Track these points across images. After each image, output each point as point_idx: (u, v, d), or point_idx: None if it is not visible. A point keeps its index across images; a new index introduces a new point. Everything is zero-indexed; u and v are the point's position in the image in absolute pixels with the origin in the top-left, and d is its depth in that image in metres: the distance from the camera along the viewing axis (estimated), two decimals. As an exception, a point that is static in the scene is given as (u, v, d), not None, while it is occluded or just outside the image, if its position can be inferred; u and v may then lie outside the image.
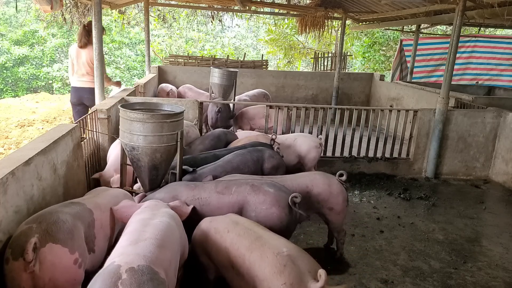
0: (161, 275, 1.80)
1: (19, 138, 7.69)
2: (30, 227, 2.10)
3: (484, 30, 11.83)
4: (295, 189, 3.17)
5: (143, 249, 1.90)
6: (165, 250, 2.00)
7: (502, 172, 5.64)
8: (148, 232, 2.08)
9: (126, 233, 2.14)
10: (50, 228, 2.11)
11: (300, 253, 2.19)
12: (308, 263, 2.15)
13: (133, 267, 1.73)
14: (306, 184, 3.25)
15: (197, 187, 3.01)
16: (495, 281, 3.36)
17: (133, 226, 2.20)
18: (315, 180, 3.28)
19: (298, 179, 3.31)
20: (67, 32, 17.66)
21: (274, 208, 2.76)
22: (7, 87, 16.79)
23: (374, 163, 5.71)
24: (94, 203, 2.58)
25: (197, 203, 2.90)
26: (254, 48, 21.72)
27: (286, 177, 3.38)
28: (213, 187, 2.96)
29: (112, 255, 1.92)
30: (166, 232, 2.16)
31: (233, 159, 3.65)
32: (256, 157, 3.72)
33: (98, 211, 2.54)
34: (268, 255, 2.16)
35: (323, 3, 8.21)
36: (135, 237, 2.02)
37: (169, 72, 9.19)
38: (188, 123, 4.86)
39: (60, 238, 2.10)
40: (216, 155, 3.88)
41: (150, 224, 2.20)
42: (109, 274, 1.69)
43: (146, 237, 2.02)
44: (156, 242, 2.00)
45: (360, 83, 9.78)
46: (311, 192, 3.23)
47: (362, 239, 3.92)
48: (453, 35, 5.16)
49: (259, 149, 3.86)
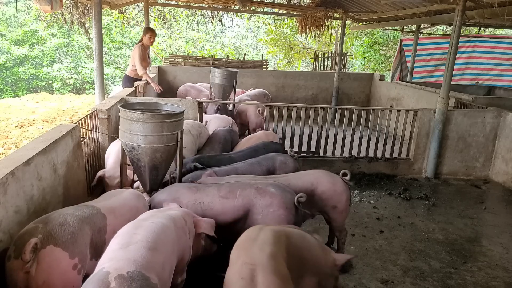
0: (153, 280, 1.76)
1: (19, 138, 7.69)
2: (36, 226, 2.09)
3: (484, 30, 11.83)
4: (300, 187, 3.16)
5: (133, 253, 1.85)
6: (157, 253, 1.95)
7: (502, 172, 5.64)
8: (139, 235, 2.02)
9: (118, 235, 2.08)
10: (54, 229, 2.09)
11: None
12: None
13: (122, 274, 1.69)
14: (311, 182, 3.24)
15: (199, 190, 2.95)
16: (495, 281, 3.36)
17: (126, 228, 2.15)
18: (319, 178, 3.27)
19: (302, 177, 3.30)
20: (67, 32, 17.66)
21: (282, 210, 2.75)
22: (7, 87, 16.79)
23: (374, 163, 5.71)
24: (108, 207, 2.51)
25: (199, 208, 2.85)
26: (254, 48, 21.72)
27: (290, 176, 3.37)
28: (215, 192, 2.91)
29: (102, 260, 1.88)
30: (159, 234, 2.09)
31: (242, 168, 3.61)
32: (266, 167, 3.68)
33: (112, 216, 2.47)
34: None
35: (323, 3, 8.21)
36: (126, 240, 1.97)
37: (169, 72, 9.19)
38: (199, 123, 4.87)
39: (62, 241, 2.07)
40: (231, 158, 3.88)
41: (142, 226, 2.14)
42: (97, 282, 1.66)
43: (137, 240, 1.97)
44: (148, 245, 1.94)
45: (360, 83, 9.78)
46: (316, 190, 3.22)
47: (362, 239, 3.92)
48: (453, 35, 5.16)
49: (270, 157, 3.79)
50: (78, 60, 17.97)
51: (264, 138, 4.55)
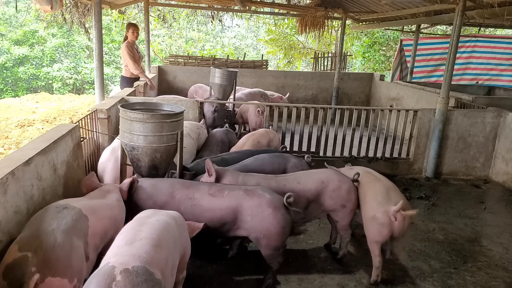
0: (157, 275, 1.78)
1: (19, 138, 7.69)
2: (25, 256, 1.91)
3: (484, 30, 11.83)
4: (311, 184, 3.21)
5: (138, 249, 1.88)
6: (161, 250, 1.98)
7: (502, 172, 5.64)
8: (144, 232, 2.05)
9: (122, 232, 2.11)
10: (47, 257, 1.94)
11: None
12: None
13: (127, 268, 1.71)
14: (322, 180, 3.25)
15: (192, 186, 2.99)
16: (495, 281, 3.36)
17: (130, 225, 2.18)
18: (331, 176, 3.28)
19: (314, 175, 3.32)
20: (67, 32, 17.67)
21: (270, 210, 2.77)
22: (7, 87, 16.80)
23: (374, 163, 5.70)
24: (89, 207, 2.40)
25: (188, 203, 2.87)
26: (254, 48, 21.73)
27: (301, 173, 3.39)
28: (206, 189, 2.93)
29: (108, 255, 1.90)
30: (162, 231, 2.12)
31: (252, 164, 3.61)
32: (277, 164, 3.68)
33: (93, 217, 2.37)
34: None
35: (323, 3, 8.21)
36: (131, 237, 2.00)
37: (169, 72, 9.19)
38: (197, 124, 4.85)
39: (58, 269, 1.96)
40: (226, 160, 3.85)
41: (147, 223, 2.16)
42: (103, 276, 1.68)
43: (142, 237, 1.99)
44: (152, 241, 1.97)
45: (360, 83, 9.78)
46: (326, 188, 3.23)
47: (362, 239, 3.92)
48: (453, 35, 5.16)
49: (283, 155, 3.79)
50: (78, 60, 17.97)
51: (265, 135, 4.57)
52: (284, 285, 3.09)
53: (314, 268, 3.34)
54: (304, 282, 3.14)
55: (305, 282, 3.15)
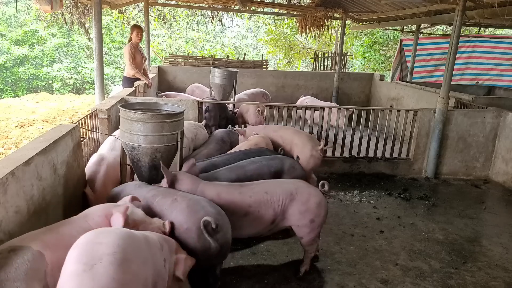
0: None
1: (19, 138, 7.69)
2: None
3: (484, 30, 11.83)
4: (279, 194, 2.98)
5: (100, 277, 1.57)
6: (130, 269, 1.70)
7: (502, 172, 5.64)
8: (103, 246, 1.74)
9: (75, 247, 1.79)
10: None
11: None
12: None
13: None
14: (291, 191, 3.01)
15: (156, 189, 2.89)
16: (495, 281, 3.36)
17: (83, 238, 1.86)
18: (300, 189, 3.04)
19: (283, 185, 3.09)
20: (67, 32, 17.68)
21: (186, 226, 2.51)
22: (7, 87, 16.80)
23: (374, 163, 5.71)
24: (42, 241, 2.03)
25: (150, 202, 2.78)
26: (254, 48, 21.73)
27: (270, 182, 3.17)
28: (160, 192, 2.82)
29: None
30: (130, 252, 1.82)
31: (247, 166, 3.48)
32: (274, 167, 3.56)
33: (49, 251, 1.99)
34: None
35: (323, 3, 8.22)
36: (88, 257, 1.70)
37: (169, 72, 9.20)
38: (196, 125, 4.83)
39: None
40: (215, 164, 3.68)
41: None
42: None
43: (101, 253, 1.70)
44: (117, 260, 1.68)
45: (360, 83, 9.78)
46: (294, 201, 2.99)
47: (362, 239, 3.92)
48: (453, 35, 5.16)
49: (278, 157, 3.69)
50: (78, 60, 17.98)
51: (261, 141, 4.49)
52: (284, 285, 3.09)
53: (314, 268, 3.34)
54: (304, 282, 3.14)
55: (305, 282, 3.15)
